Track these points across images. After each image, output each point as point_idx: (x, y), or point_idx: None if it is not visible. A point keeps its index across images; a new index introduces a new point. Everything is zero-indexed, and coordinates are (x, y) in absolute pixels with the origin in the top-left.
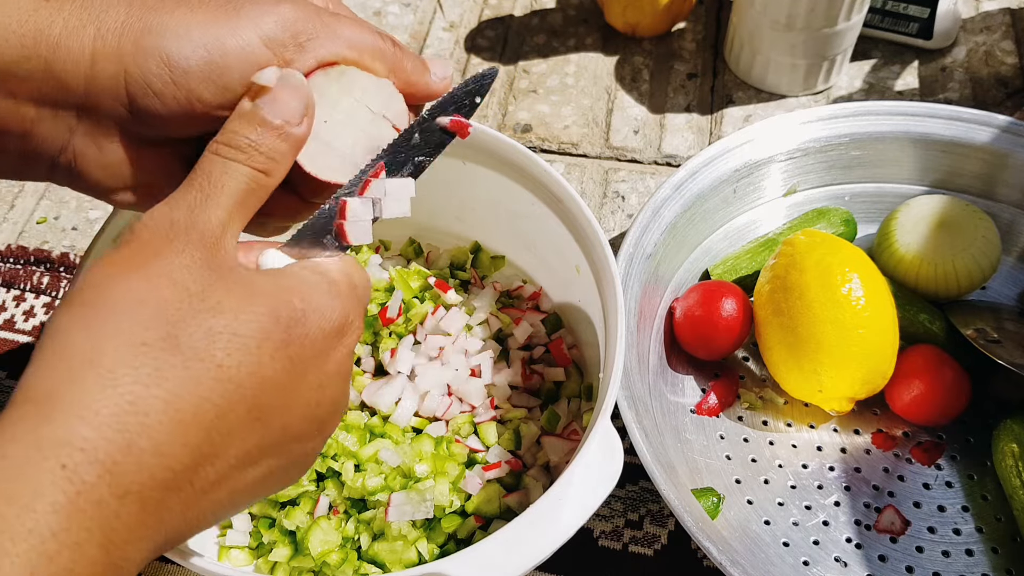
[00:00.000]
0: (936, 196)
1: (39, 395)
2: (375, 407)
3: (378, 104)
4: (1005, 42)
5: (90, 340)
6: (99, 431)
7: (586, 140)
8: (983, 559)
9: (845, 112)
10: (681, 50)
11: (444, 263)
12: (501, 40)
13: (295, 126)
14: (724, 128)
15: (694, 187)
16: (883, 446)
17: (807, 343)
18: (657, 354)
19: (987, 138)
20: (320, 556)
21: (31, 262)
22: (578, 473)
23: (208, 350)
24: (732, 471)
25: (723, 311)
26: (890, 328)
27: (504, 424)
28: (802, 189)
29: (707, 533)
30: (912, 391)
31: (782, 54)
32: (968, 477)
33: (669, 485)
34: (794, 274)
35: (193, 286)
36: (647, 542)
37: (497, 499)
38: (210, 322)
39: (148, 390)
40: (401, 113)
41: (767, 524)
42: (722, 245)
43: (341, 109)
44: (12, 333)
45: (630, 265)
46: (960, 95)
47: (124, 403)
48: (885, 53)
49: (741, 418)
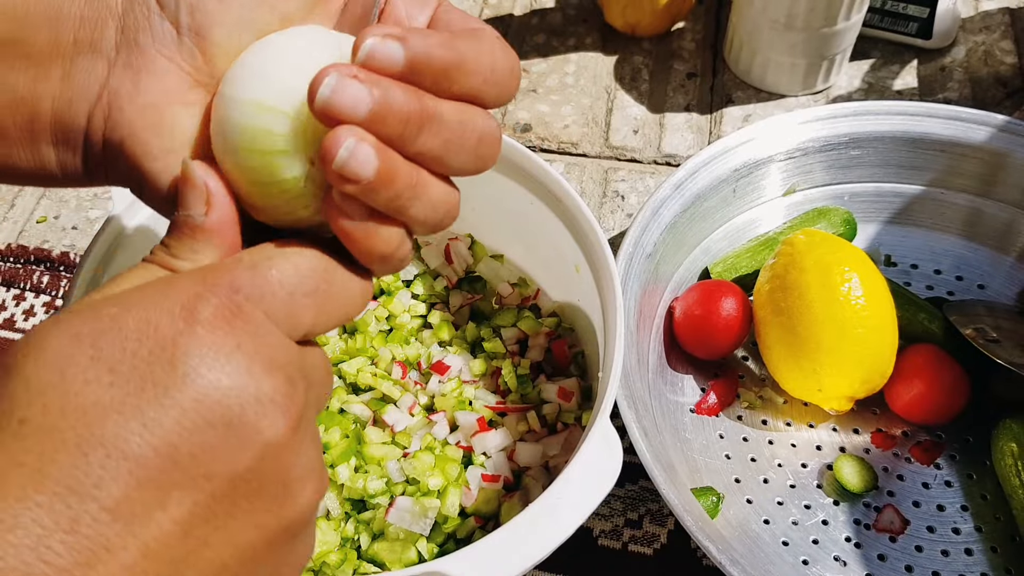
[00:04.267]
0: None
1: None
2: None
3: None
4: (1004, 42)
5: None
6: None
7: (586, 139)
8: (982, 558)
9: (845, 112)
10: (681, 49)
11: (437, 261)
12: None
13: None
14: (724, 127)
15: (694, 186)
16: (882, 445)
17: (806, 342)
18: (657, 353)
19: (986, 138)
20: (319, 556)
21: (31, 261)
22: (577, 472)
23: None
24: (731, 470)
25: (723, 310)
26: (889, 327)
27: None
28: (801, 189)
29: (707, 532)
30: (911, 390)
31: (781, 54)
32: (967, 476)
33: (669, 484)
34: (794, 273)
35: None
36: (647, 541)
37: (497, 499)
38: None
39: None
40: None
41: (766, 523)
42: (722, 244)
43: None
44: (12, 332)
45: (629, 264)
46: (959, 95)
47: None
48: (884, 53)
49: (740, 417)
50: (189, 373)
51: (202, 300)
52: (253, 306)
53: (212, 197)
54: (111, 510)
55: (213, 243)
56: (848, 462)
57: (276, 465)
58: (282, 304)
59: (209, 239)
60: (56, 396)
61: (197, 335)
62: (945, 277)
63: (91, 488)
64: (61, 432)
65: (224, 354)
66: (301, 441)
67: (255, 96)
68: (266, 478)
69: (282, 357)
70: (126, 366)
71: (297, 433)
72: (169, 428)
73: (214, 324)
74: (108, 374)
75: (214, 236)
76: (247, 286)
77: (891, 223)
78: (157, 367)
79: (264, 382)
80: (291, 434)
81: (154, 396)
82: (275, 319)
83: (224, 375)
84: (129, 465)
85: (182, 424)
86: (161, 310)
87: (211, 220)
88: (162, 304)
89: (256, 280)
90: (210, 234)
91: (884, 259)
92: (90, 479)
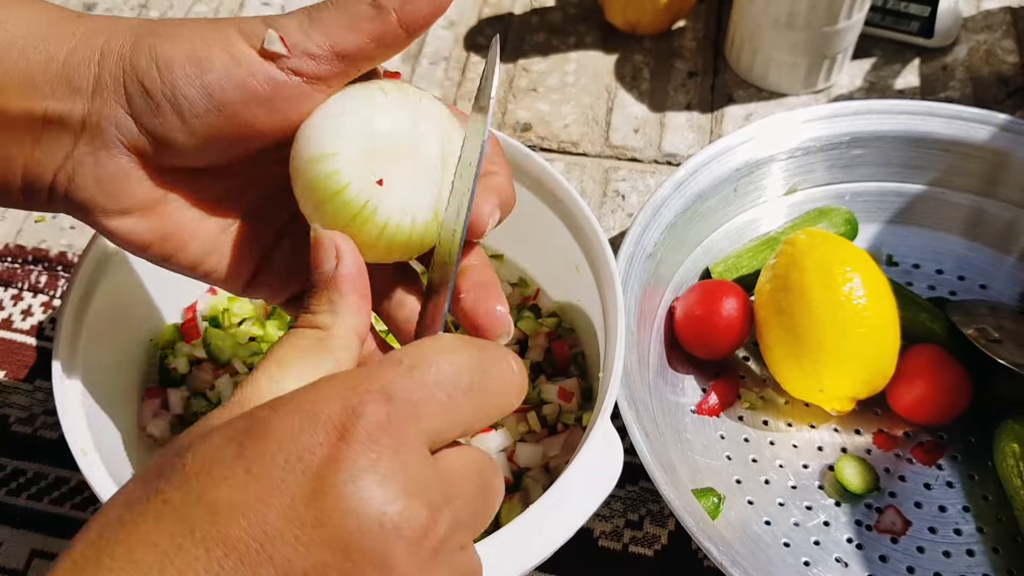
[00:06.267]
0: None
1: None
2: None
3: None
4: (1006, 41)
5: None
6: None
7: (586, 139)
8: (984, 559)
9: (846, 111)
10: (681, 48)
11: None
12: (501, 38)
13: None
14: (725, 127)
15: (694, 186)
16: (884, 446)
17: (808, 343)
18: (657, 354)
19: (988, 137)
20: None
21: (29, 261)
22: (578, 473)
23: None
24: (733, 471)
25: (724, 310)
26: (891, 328)
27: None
28: (803, 188)
29: (708, 533)
30: (913, 391)
31: (783, 52)
32: (969, 477)
33: (669, 485)
34: (795, 273)
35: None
36: (647, 542)
37: None
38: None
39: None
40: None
41: (768, 524)
42: (723, 244)
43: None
44: (10, 332)
45: (630, 264)
46: (961, 94)
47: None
48: (886, 52)
49: (742, 418)
50: (317, 488)
51: (350, 412)
52: (404, 421)
53: (340, 251)
54: None
55: (343, 290)
56: (850, 463)
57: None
58: (441, 408)
59: (339, 288)
60: (197, 485)
61: (337, 448)
62: (947, 277)
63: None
64: (191, 522)
65: (358, 473)
66: (440, 565)
67: (318, 151)
68: None
69: (425, 477)
70: (262, 469)
71: (429, 564)
72: (287, 541)
73: (355, 440)
74: (244, 474)
75: (344, 284)
76: (401, 392)
77: (893, 223)
78: (290, 476)
79: (391, 507)
80: (417, 565)
81: (280, 505)
82: (431, 426)
83: (353, 496)
84: (243, 570)
85: (300, 539)
86: (305, 416)
87: (341, 272)
88: (307, 409)
89: (415, 384)
90: (341, 283)
91: (886, 259)
92: (208, 574)
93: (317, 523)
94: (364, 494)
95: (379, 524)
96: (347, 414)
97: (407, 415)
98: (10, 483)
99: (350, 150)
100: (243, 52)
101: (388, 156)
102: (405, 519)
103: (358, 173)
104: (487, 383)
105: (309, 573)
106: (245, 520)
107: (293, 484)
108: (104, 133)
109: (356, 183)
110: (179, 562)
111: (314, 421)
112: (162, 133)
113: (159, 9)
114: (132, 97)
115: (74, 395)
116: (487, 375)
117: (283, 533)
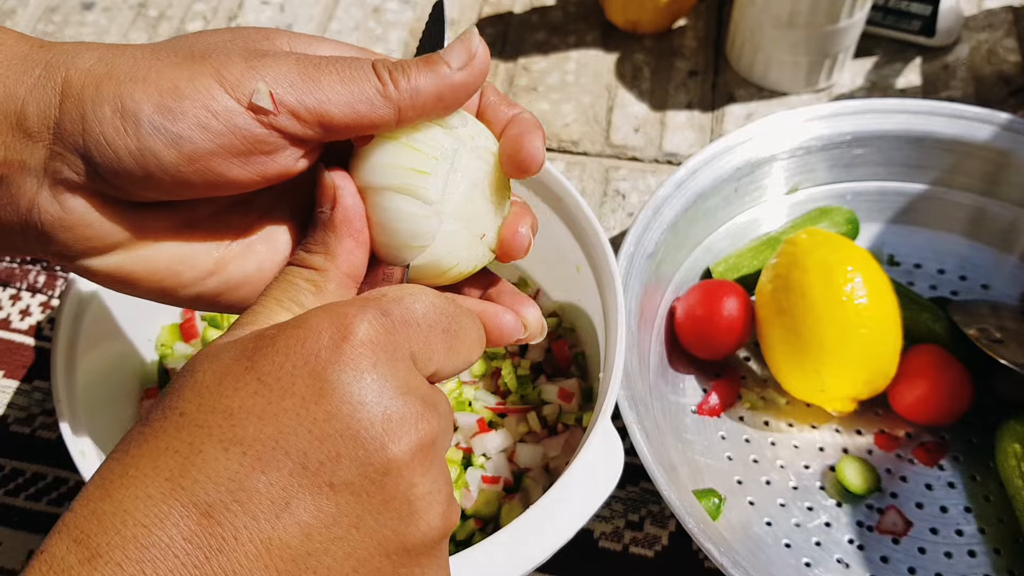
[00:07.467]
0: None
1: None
2: None
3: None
4: (1008, 40)
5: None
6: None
7: (586, 138)
8: (985, 560)
9: (847, 110)
10: (682, 47)
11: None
12: (501, 37)
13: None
14: (725, 126)
15: (695, 185)
16: (885, 447)
17: (809, 343)
18: (658, 354)
19: (990, 136)
20: None
21: (27, 260)
22: (578, 474)
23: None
24: (733, 472)
25: (724, 310)
26: (893, 328)
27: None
28: (804, 187)
29: (708, 534)
30: (915, 391)
31: (784, 51)
32: (971, 478)
33: (670, 486)
34: (796, 273)
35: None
36: (648, 543)
37: (497, 501)
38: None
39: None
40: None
41: (769, 525)
42: (724, 244)
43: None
44: (8, 332)
45: (631, 264)
46: (963, 93)
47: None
48: (887, 51)
49: (742, 418)
50: (324, 388)
51: (353, 319)
52: (397, 335)
53: (339, 194)
54: (242, 503)
55: (339, 232)
56: (851, 463)
57: (401, 483)
58: (422, 337)
59: (336, 230)
60: (210, 397)
61: (340, 351)
62: (949, 277)
63: (227, 480)
64: (209, 428)
65: (361, 372)
66: (429, 465)
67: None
68: (390, 495)
69: (415, 383)
70: (272, 377)
71: (426, 456)
72: (301, 436)
73: (360, 343)
74: (255, 383)
75: (340, 227)
76: (395, 312)
77: (894, 222)
78: (299, 380)
79: (394, 402)
80: (419, 455)
81: (291, 406)
82: (413, 349)
83: (358, 392)
84: (262, 464)
85: (313, 433)
86: (309, 329)
87: (338, 215)
88: (312, 324)
89: (402, 310)
90: (338, 226)
91: (887, 259)
92: (227, 472)
93: (328, 417)
94: (368, 390)
95: (383, 416)
96: (348, 324)
97: (399, 332)
98: (8, 483)
99: (448, 207)
100: (221, 104)
101: (466, 199)
102: (408, 412)
103: (455, 243)
104: (459, 332)
105: (324, 464)
106: (260, 420)
107: (302, 386)
108: (66, 179)
109: (451, 254)
110: (200, 463)
111: (318, 332)
112: (126, 183)
113: (158, 8)
114: (91, 150)
115: (73, 395)
116: (461, 326)
117: (296, 429)
